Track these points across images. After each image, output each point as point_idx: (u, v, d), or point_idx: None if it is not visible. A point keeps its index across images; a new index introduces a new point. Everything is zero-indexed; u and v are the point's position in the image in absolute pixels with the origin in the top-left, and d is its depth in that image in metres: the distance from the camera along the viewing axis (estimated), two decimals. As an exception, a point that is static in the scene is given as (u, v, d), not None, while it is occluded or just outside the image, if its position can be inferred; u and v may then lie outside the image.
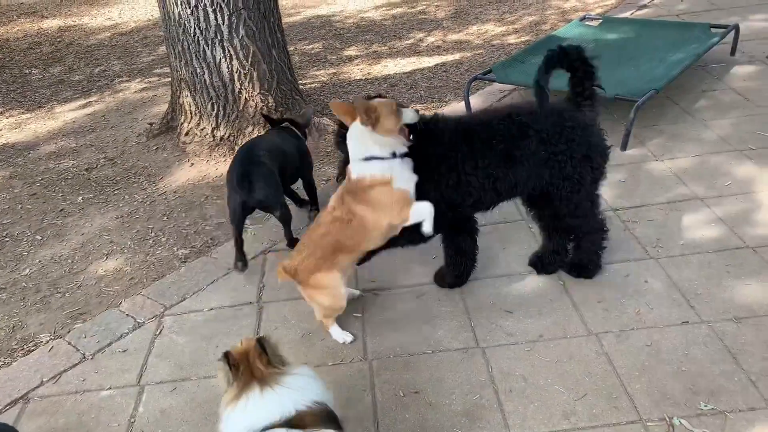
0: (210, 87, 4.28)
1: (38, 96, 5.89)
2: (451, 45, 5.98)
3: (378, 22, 6.92)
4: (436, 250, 3.08)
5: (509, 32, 6.09)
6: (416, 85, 5.20)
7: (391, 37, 6.42)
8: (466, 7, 7.04)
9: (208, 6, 4.04)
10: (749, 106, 4.06)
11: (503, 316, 2.65)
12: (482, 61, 5.51)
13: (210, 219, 3.70)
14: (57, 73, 6.45)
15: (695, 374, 2.29)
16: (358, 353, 2.53)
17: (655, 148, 3.74)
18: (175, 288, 3.01)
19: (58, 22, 8.21)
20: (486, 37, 6.06)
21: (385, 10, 7.30)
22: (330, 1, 7.93)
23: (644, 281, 2.75)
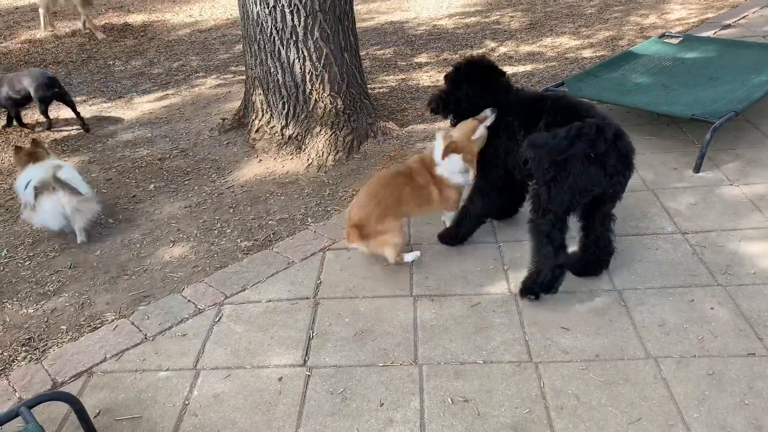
0: (282, 86, 4.39)
1: (119, 87, 6.16)
2: (524, 56, 5.93)
3: (450, 30, 6.92)
4: (493, 261, 3.06)
5: (584, 46, 5.98)
6: (485, 94, 5.16)
7: (462, 46, 6.41)
8: (542, 19, 6.96)
9: (285, 7, 4.14)
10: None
11: (560, 332, 2.60)
12: (554, 73, 5.44)
13: (273, 214, 3.78)
14: (138, 65, 6.73)
15: (759, 409, 2.19)
16: (409, 356, 2.53)
17: (730, 172, 3.60)
18: (236, 278, 3.09)
19: (143, 18, 8.57)
20: (560, 50, 5.98)
21: (459, 19, 7.30)
22: (404, 8, 7.99)
23: (710, 308, 2.65)
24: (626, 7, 7.02)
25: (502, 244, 3.20)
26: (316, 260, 3.17)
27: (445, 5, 7.90)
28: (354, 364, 2.51)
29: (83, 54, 7.17)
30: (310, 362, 2.54)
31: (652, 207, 3.36)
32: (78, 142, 4.97)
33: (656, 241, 3.10)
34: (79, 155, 4.75)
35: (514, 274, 2.96)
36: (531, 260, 2.75)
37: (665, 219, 3.25)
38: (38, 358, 2.74)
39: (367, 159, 4.31)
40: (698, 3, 7.04)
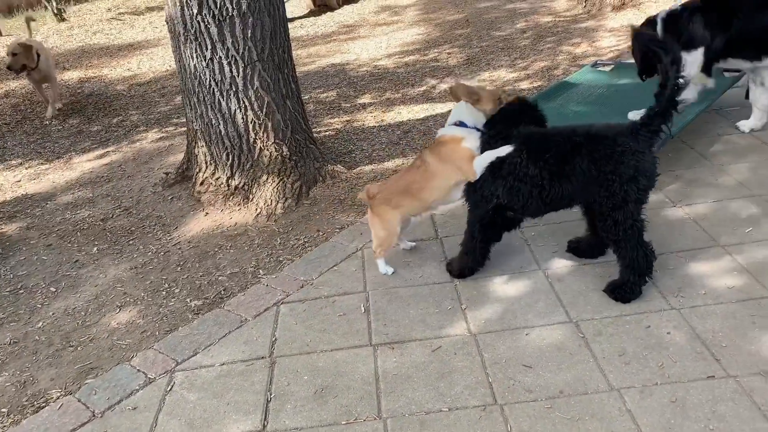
0: (225, 137, 4.32)
1: (57, 147, 5.98)
2: (464, 91, 6.01)
3: (391, 70, 7.00)
4: (450, 301, 3.04)
5: (521, 78, 6.13)
6: (429, 131, 5.21)
7: (404, 84, 6.49)
8: (478, 53, 7.11)
9: (223, 59, 4.11)
10: (766, 150, 4.01)
11: (522, 371, 2.57)
12: (495, 107, 5.53)
13: (223, 269, 3.68)
14: (76, 123, 6.56)
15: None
16: (373, 411, 2.46)
17: (672, 194, 3.69)
18: (186, 342, 2.97)
19: (79, 74, 8.40)
20: (498, 83, 6.10)
21: (398, 58, 7.40)
22: (344, 50, 8.06)
23: (666, 333, 2.67)
24: (558, 37, 7.24)
25: (458, 282, 3.17)
26: (270, 316, 3.08)
27: (384, 45, 8.01)
28: (316, 424, 2.42)
29: (17, 115, 6.96)
30: (269, 427, 2.44)
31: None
32: (14, 208, 4.77)
33: (607, 268, 3.12)
34: (16, 221, 4.55)
35: (472, 313, 2.94)
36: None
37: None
38: (-23, 448, 2.56)
39: (316, 204, 4.27)
40: (625, 30, 7.31)
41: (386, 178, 3.46)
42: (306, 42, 8.72)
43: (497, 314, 2.91)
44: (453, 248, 3.44)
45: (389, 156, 4.86)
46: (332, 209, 4.16)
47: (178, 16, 4.10)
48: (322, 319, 3.01)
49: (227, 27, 4.04)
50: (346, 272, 3.36)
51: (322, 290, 3.23)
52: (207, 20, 4.02)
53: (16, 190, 5.12)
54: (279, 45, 4.28)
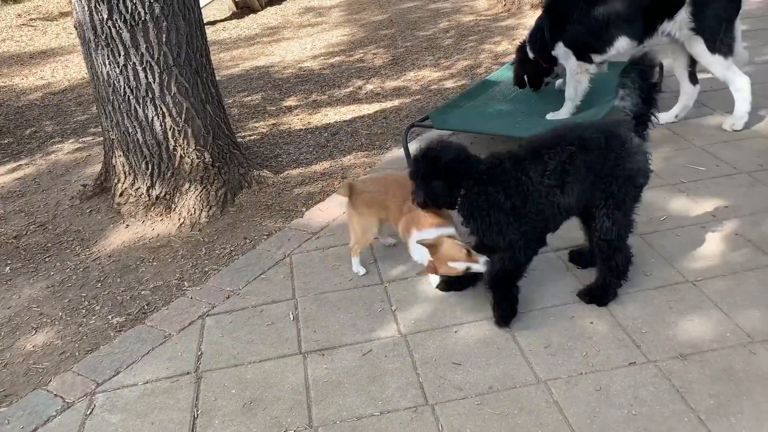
0: (143, 146, 4.17)
1: (-36, 161, 5.64)
2: (390, 92, 6.04)
3: (317, 72, 6.95)
4: (380, 303, 3.02)
5: (446, 77, 6.19)
6: (357, 132, 5.20)
7: (330, 86, 6.44)
8: (403, 54, 7.15)
9: (137, 65, 3.96)
10: (678, 141, 4.19)
11: (452, 369, 2.58)
12: (421, 106, 5.57)
13: (146, 283, 3.55)
14: (-16, 136, 6.20)
15: (646, 418, 2.27)
16: (303, 420, 2.41)
17: (592, 187, 3.79)
18: (107, 361, 2.84)
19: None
20: (423, 83, 6.15)
21: (324, 60, 7.35)
22: (268, 53, 7.95)
23: (590, 322, 2.74)
24: (480, 36, 7.36)
25: (387, 284, 3.16)
26: (195, 329, 2.99)
27: (308, 47, 7.94)
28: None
29: None
30: (196, 444, 2.36)
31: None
32: None
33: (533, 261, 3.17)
34: None
35: (403, 313, 2.93)
36: None
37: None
38: None
39: (243, 211, 4.18)
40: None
41: (357, 177, 3.42)
42: (229, 45, 8.54)
43: (427, 314, 2.91)
44: (382, 249, 3.43)
45: (317, 159, 4.81)
46: (259, 216, 4.08)
47: (87, 21, 3.92)
48: (249, 329, 2.94)
49: (140, 32, 3.89)
50: (274, 280, 3.29)
51: (250, 300, 3.15)
52: (118, 25, 3.86)
53: None
54: (196, 49, 4.16)
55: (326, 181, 4.44)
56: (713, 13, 3.86)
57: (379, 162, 4.59)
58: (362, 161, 4.66)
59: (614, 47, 4.05)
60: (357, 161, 4.68)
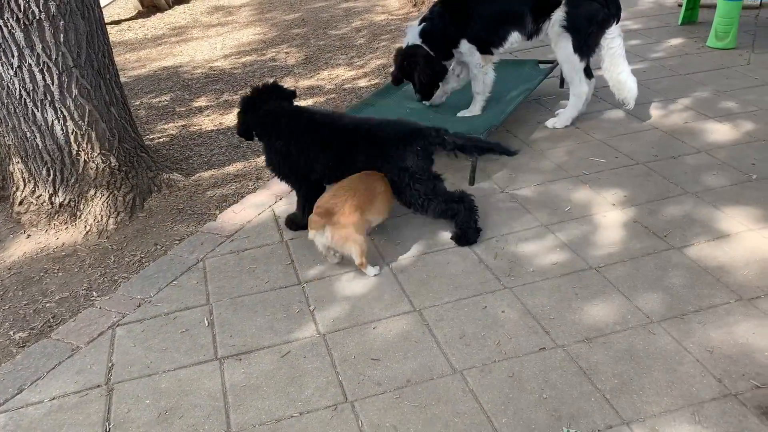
0: (44, 151, 3.97)
1: None
2: (304, 91, 6.00)
3: (228, 71, 6.82)
4: (298, 303, 3.01)
5: (359, 76, 6.22)
6: (270, 133, 5.13)
7: (242, 86, 6.33)
8: (316, 52, 7.12)
9: (33, 66, 3.76)
10: (580, 135, 4.39)
11: (371, 365, 2.61)
12: (335, 104, 5.57)
13: (51, 294, 3.38)
14: None
15: (556, 400, 2.37)
16: (221, 427, 2.37)
17: (500, 181, 3.93)
18: (9, 379, 2.69)
19: None
20: (337, 82, 6.15)
21: (235, 59, 7.22)
22: (176, 53, 7.72)
23: (501, 312, 2.84)
24: (392, 35, 7.43)
25: (305, 284, 3.16)
26: (105, 340, 2.87)
27: (219, 47, 7.77)
28: (160, 449, 2.30)
29: None
30: (109, 459, 2.28)
31: (438, 223, 3.52)
32: None
33: (446, 255, 3.26)
34: None
35: (321, 313, 2.94)
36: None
37: (450, 232, 3.42)
38: None
39: (153, 216, 4.05)
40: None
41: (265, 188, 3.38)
42: (135, 45, 8.24)
43: (345, 312, 2.93)
44: (299, 250, 3.42)
45: (230, 160, 4.72)
46: (170, 220, 3.97)
47: (-26, 20, 3.68)
48: (163, 337, 2.86)
49: (35, 31, 3.69)
50: (186, 286, 3.21)
51: (162, 307, 3.07)
52: (10, 24, 3.65)
53: None
54: (98, 49, 3.99)
55: (240, 183, 4.38)
56: (585, 15, 4.12)
57: (293, 162, 4.55)
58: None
59: (509, 41, 4.29)
60: (271, 162, 4.62)
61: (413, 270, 3.18)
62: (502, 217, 3.55)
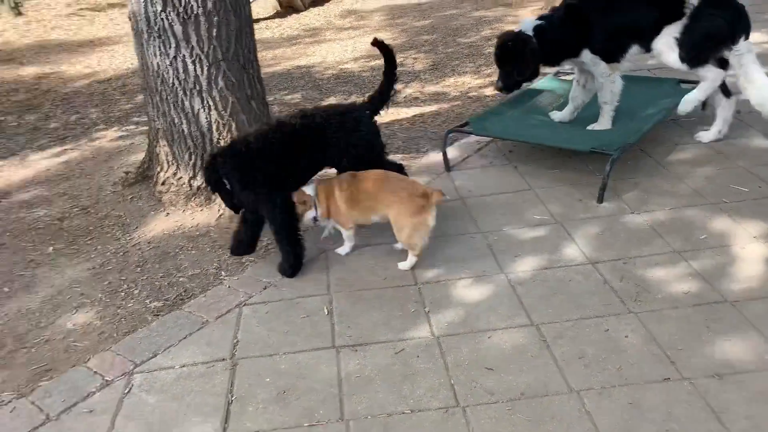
0: (188, 137, 4.26)
1: (12, 144, 5.81)
2: (429, 96, 6.07)
3: (357, 74, 7.01)
4: (414, 303, 3.05)
5: (486, 85, 6.19)
6: (394, 135, 5.23)
7: (369, 88, 6.49)
8: (444, 59, 7.17)
9: (187, 57, 4.05)
10: (721, 160, 4.14)
11: (484, 373, 2.59)
12: (460, 112, 5.58)
13: (184, 270, 3.62)
14: (32, 120, 6.38)
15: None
16: (335, 413, 2.45)
17: (631, 201, 3.78)
18: (146, 343, 2.91)
19: (36, 70, 8.18)
20: (463, 89, 6.16)
21: (364, 62, 7.41)
22: (310, 53, 8.04)
23: (624, 336, 2.73)
24: (522, 46, 7.35)
25: (422, 285, 3.19)
26: (231, 317, 3.05)
27: (350, 50, 8.01)
28: (278, 427, 2.40)
29: (-30, 110, 6.74)
30: (230, 429, 2.41)
31: (562, 239, 3.46)
32: (-35, 206, 4.62)
33: (568, 272, 3.18)
34: (-34, 220, 4.41)
35: (436, 315, 2.96)
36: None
37: (575, 250, 3.35)
38: None
39: (280, 206, 4.23)
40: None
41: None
42: (271, 44, 8.66)
43: (460, 317, 2.93)
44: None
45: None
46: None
47: (141, 12, 4.02)
48: (285, 321, 2.99)
49: (192, 25, 3.98)
50: (310, 274, 3.34)
51: (285, 292, 3.21)
52: (171, 18, 3.95)
53: (-33, 187, 4.95)
54: (244, 45, 4.24)
55: (363, 182, 4.48)
56: (703, 30, 3.95)
57: (415, 165, 4.61)
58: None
59: (629, 53, 4.18)
60: (394, 163, 4.71)
61: (532, 284, 3.12)
62: (631, 240, 3.41)
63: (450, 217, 3.78)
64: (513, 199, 3.92)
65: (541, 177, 4.16)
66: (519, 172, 4.25)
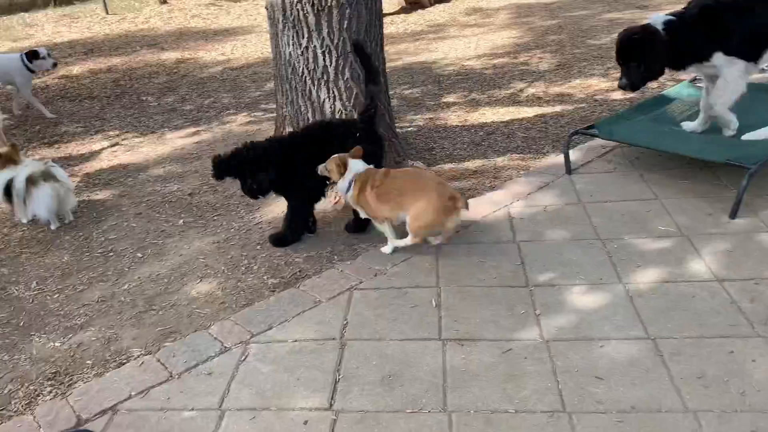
0: (312, 124, 4.42)
1: (152, 122, 6.27)
2: (553, 97, 5.93)
3: (478, 71, 6.97)
4: (524, 305, 3.01)
5: (614, 88, 5.95)
6: (513, 134, 5.16)
7: (490, 86, 6.44)
8: (570, 60, 6.98)
9: (318, 48, 4.20)
10: None
11: (593, 382, 2.52)
12: (584, 115, 5.42)
13: (300, 252, 3.77)
14: (170, 102, 6.86)
15: (808, 471, 2.09)
16: (438, 403, 2.47)
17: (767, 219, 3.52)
18: (262, 316, 3.07)
19: (176, 55, 8.77)
20: (589, 92, 5.97)
21: (487, 60, 7.35)
22: (432, 49, 8.08)
23: (751, 360, 2.56)
24: (655, 49, 7.00)
25: (533, 288, 3.14)
26: (342, 300, 3.14)
27: (473, 46, 7.97)
28: (381, 409, 2.46)
29: (117, 89, 7.34)
30: (336, 406, 2.49)
31: (687, 253, 3.28)
32: (110, 176, 5.04)
33: (692, 288, 3.02)
34: (110, 188, 4.82)
35: (546, 319, 2.90)
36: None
37: (701, 266, 3.17)
38: (63, 394, 2.73)
39: (394, 198, 4.30)
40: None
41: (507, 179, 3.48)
42: (394, 39, 8.78)
43: (572, 323, 2.86)
44: (531, 253, 3.40)
45: (470, 156, 4.84)
46: (410, 203, 4.18)
47: (278, 3, 4.22)
48: (393, 308, 3.05)
49: (325, 17, 4.13)
50: (419, 266, 3.38)
51: (395, 281, 3.26)
52: (306, 9, 4.12)
53: (112, 159, 5.40)
54: (373, 38, 4.34)
55: (477, 179, 4.46)
56: None
57: (533, 166, 4.53)
58: (516, 163, 4.63)
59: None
60: (511, 163, 4.65)
61: (652, 297, 2.99)
62: (765, 260, 3.18)
63: (568, 221, 3.69)
64: (636, 207, 3.76)
65: (668, 187, 3.96)
66: (645, 180, 4.07)
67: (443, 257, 3.44)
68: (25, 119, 6.51)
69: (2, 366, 2.97)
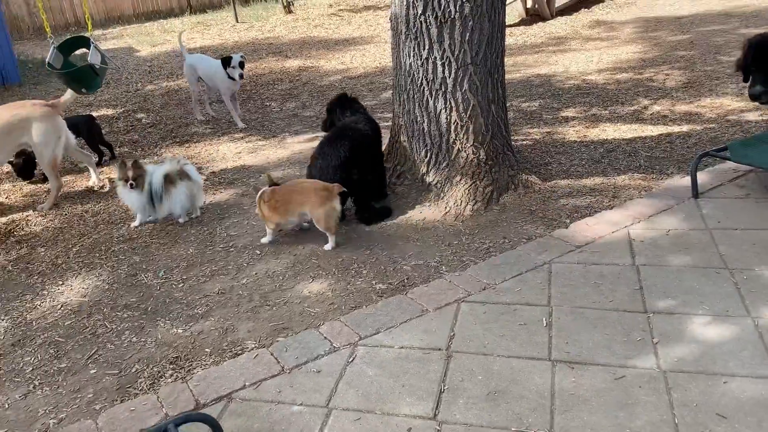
0: (427, 135, 4.46)
1: (274, 126, 6.57)
2: (680, 116, 5.63)
3: (600, 86, 6.75)
4: (641, 332, 2.87)
5: (749, 109, 5.58)
6: (636, 153, 4.95)
7: (612, 102, 6.22)
8: (701, 78, 6.60)
9: (438, 59, 4.24)
10: None
11: (714, 420, 2.36)
12: (714, 136, 5.11)
13: (408, 259, 3.80)
14: (292, 108, 7.15)
15: None
16: (545, 424, 2.41)
17: None
18: (370, 320, 3.12)
19: (299, 63, 9.14)
20: (720, 112, 5.62)
21: (610, 74, 7.11)
22: (552, 62, 7.92)
23: None
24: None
25: (651, 314, 2.99)
26: (449, 311, 3.14)
27: (594, 60, 7.74)
28: (485, 424, 2.43)
29: (243, 94, 7.75)
30: (440, 416, 2.49)
31: (830, 290, 3.00)
32: (234, 176, 5.33)
33: (833, 329, 2.76)
34: (233, 188, 5.09)
35: (665, 348, 2.75)
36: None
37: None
38: (184, 378, 2.90)
39: (505, 211, 4.25)
40: None
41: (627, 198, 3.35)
42: (513, 50, 8.69)
43: (693, 355, 2.70)
44: (651, 277, 3.25)
45: (588, 173, 4.69)
46: (521, 219, 4.12)
47: (402, 14, 4.30)
48: (501, 324, 3.01)
49: (447, 29, 4.16)
50: (530, 283, 3.31)
51: (504, 297, 3.22)
52: (429, 21, 4.17)
53: (236, 160, 5.71)
54: (494, 50, 4.32)
55: (595, 197, 4.32)
56: None
57: (657, 187, 4.33)
58: (638, 183, 4.44)
59: None
60: (632, 182, 4.46)
61: (785, 333, 2.77)
62: None
63: (692, 247, 3.49)
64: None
65: (808, 217, 3.65)
66: (781, 209, 3.78)
67: (556, 276, 3.36)
68: (159, 120, 7.02)
69: (131, 346, 3.21)
